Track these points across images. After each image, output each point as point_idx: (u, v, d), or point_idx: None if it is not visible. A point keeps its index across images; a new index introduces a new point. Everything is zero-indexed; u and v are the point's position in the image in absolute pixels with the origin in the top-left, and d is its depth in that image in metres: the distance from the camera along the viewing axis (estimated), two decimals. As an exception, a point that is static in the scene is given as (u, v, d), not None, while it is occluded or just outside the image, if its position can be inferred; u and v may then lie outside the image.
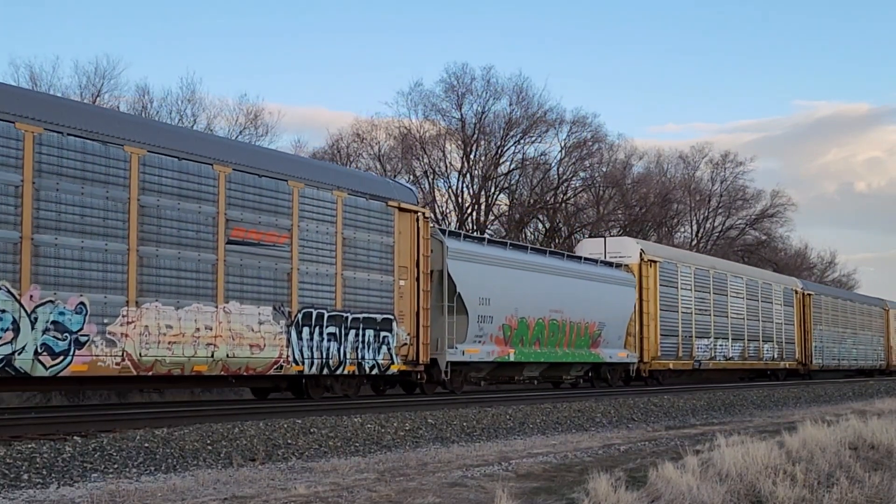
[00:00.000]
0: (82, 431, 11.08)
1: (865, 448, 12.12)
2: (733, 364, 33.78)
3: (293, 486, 8.44)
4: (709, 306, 31.94)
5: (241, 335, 14.99)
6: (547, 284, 23.48)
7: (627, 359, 26.99)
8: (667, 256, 30.02)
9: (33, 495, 8.02)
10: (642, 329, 27.83)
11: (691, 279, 30.94)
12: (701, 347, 31.05)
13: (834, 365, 43.44)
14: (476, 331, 20.77)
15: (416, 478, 9.25)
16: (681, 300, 30.08)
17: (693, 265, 31.49)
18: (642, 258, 28.29)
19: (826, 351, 42.46)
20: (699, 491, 8.07)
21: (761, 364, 36.11)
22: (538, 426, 15.73)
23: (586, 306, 24.73)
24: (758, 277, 36.96)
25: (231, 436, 11.49)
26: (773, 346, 36.95)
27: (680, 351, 29.62)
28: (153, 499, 7.87)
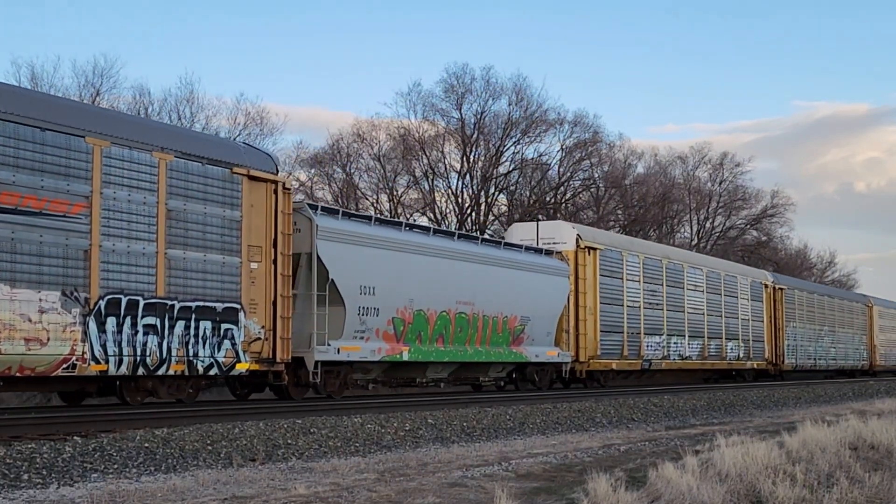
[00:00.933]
0: (82, 431, 11.08)
1: (865, 448, 12.12)
2: (691, 364, 30.75)
3: (293, 487, 8.44)
4: (661, 300, 28.75)
5: (12, 326, 12.08)
6: (455, 272, 20.42)
7: (558, 358, 23.72)
8: (609, 243, 26.82)
9: (33, 495, 8.02)
10: (578, 325, 24.65)
11: (639, 269, 27.67)
12: (651, 346, 27.86)
13: (809, 365, 40.50)
14: (356, 325, 17.72)
15: (416, 478, 9.25)
16: (627, 293, 26.88)
17: (642, 254, 28.20)
18: (579, 244, 24.99)
19: (800, 350, 39.50)
20: (699, 491, 8.07)
21: (724, 364, 33.14)
22: (538, 426, 15.73)
23: (506, 298, 21.73)
24: (720, 269, 33.66)
25: (231, 436, 11.50)
26: (738, 345, 33.84)
27: (625, 349, 26.56)
28: (153, 499, 7.87)
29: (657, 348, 28.30)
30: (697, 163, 61.57)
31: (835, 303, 44.69)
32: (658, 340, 28.41)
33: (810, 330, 40.77)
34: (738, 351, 33.90)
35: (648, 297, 28.11)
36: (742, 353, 34.18)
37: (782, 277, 41.98)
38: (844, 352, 44.83)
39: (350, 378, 18.52)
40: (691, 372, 32.39)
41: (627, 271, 27.09)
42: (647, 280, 28.11)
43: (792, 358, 38.43)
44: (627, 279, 27.05)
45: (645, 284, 27.92)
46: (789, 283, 40.97)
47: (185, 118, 35.62)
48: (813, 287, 45.67)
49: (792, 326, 38.70)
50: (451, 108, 46.26)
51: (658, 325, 28.53)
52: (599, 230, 33.41)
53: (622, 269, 26.84)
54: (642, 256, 28.07)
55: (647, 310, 27.91)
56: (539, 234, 25.54)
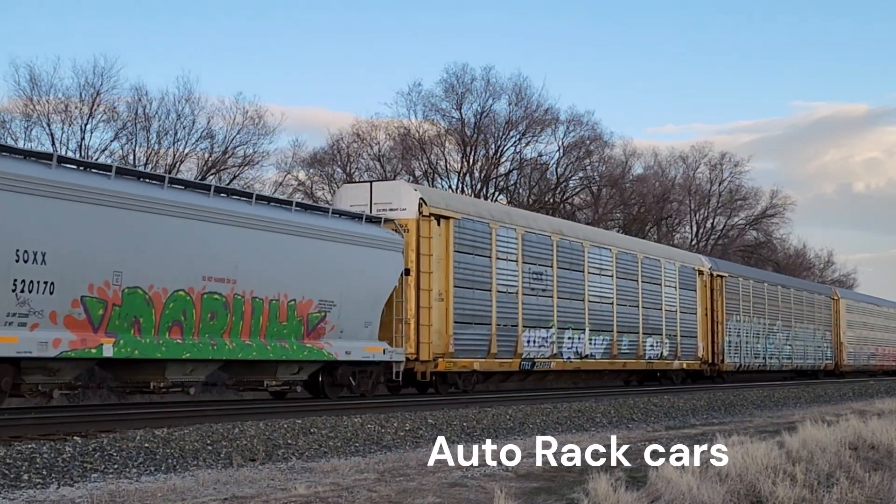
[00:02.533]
0: (82, 431, 11.08)
1: (865, 448, 12.13)
2: (593, 364, 25.57)
3: (293, 487, 8.44)
4: (550, 285, 23.42)
5: None
6: (201, 239, 15.21)
7: (384, 356, 18.46)
8: (470, 212, 21.23)
9: (33, 495, 8.02)
10: (420, 313, 19.22)
11: (517, 246, 22.28)
12: (534, 342, 22.67)
13: (758, 365, 35.26)
14: (11, 304, 12.57)
15: (416, 478, 9.25)
16: (498, 275, 21.47)
17: (521, 227, 22.68)
18: (422, 211, 19.46)
19: (746, 348, 34.18)
20: (699, 491, 8.07)
21: (642, 364, 27.89)
22: (538, 426, 15.73)
23: (292, 275, 16.56)
24: (636, 250, 28.28)
25: (231, 436, 11.50)
26: (661, 342, 28.47)
27: (494, 346, 21.20)
28: (153, 499, 7.87)
29: (543, 345, 23.11)
30: (697, 163, 61.64)
31: (791, 294, 39.35)
32: (545, 335, 23.13)
33: (759, 325, 35.52)
34: (661, 349, 28.61)
35: (531, 281, 22.67)
36: (667, 351, 28.89)
37: (723, 263, 36.90)
38: (803, 350, 39.66)
39: (22, 382, 13.30)
40: (597, 374, 27.66)
41: (499, 248, 21.65)
42: (530, 260, 22.74)
43: (734, 357, 33.34)
44: (499, 258, 21.59)
45: (526, 265, 22.50)
46: (732, 269, 35.82)
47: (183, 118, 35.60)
48: (763, 275, 40.07)
49: (735, 320, 33.53)
50: (451, 108, 46.29)
51: (545, 317, 23.22)
52: (457, 195, 27.74)
53: (490, 244, 21.33)
54: (521, 230, 22.57)
55: (528, 297, 22.55)
56: (373, 198, 20.09)
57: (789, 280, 43.49)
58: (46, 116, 32.27)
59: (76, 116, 32.68)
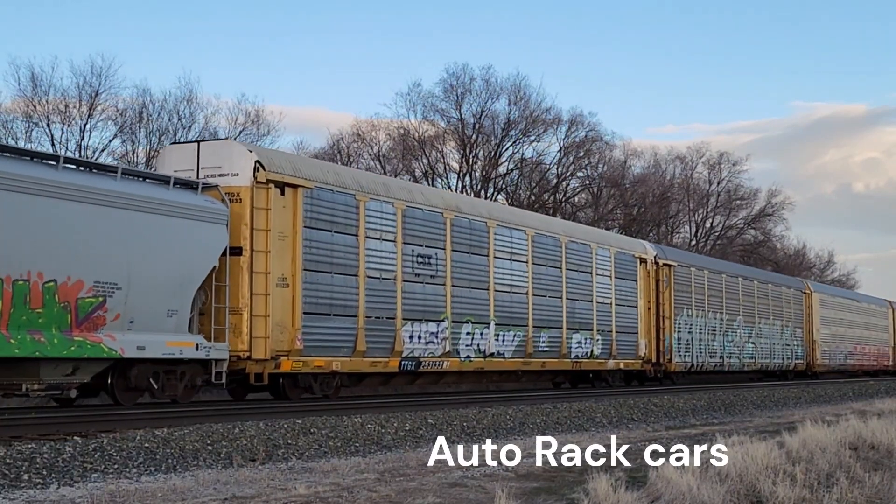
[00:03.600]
0: (82, 431, 11.08)
1: (865, 448, 12.13)
2: (501, 363, 21.78)
3: (293, 487, 8.44)
4: (442, 271, 19.74)
5: None
6: None
7: (197, 352, 15.01)
8: (329, 181, 17.40)
9: (33, 495, 8.03)
10: (254, 301, 15.80)
11: (396, 224, 18.61)
12: (420, 337, 19.07)
13: (713, 365, 31.63)
14: None
15: (416, 478, 9.25)
16: (367, 257, 17.85)
17: (401, 201, 18.86)
18: (257, 178, 15.99)
19: (698, 346, 30.51)
20: (699, 491, 8.07)
21: (567, 363, 24.17)
22: (538, 426, 15.73)
23: (56, 249, 13.14)
24: (559, 232, 24.31)
25: (231, 436, 11.50)
26: (591, 339, 24.90)
27: (362, 342, 17.64)
28: (153, 499, 7.88)
29: (433, 341, 19.46)
30: (695, 162, 61.69)
31: (755, 287, 35.48)
32: (435, 330, 19.46)
33: (716, 320, 31.84)
34: (592, 346, 25.04)
35: (415, 265, 19.05)
36: (599, 349, 25.35)
37: (672, 251, 33.10)
38: (769, 349, 36.07)
39: None
40: (511, 375, 23.78)
41: (371, 225, 18.03)
42: (413, 240, 19.05)
43: (684, 356, 29.56)
44: (370, 237, 18.03)
45: (408, 246, 18.88)
46: (682, 258, 31.76)
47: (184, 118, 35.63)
48: (721, 265, 35.95)
49: (686, 315, 29.80)
50: (451, 108, 46.36)
51: (435, 308, 19.60)
52: (312, 160, 24.02)
53: (358, 220, 17.75)
54: (401, 205, 18.80)
55: (411, 284, 18.93)
56: (200, 161, 16.62)
57: (752, 271, 39.45)
58: (46, 117, 32.33)
59: (75, 117, 32.75)
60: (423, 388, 22.99)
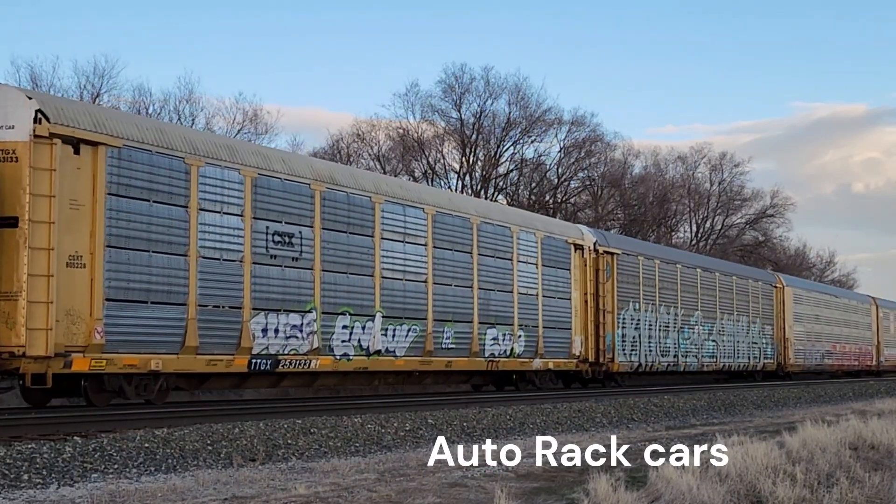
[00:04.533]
0: (82, 431, 11.08)
1: (865, 448, 12.13)
2: (391, 363, 18.60)
3: (293, 487, 8.44)
4: (308, 253, 16.71)
5: None
6: None
7: None
8: (146, 140, 14.51)
9: (33, 495, 8.03)
10: (30, 284, 12.84)
11: (245, 195, 15.71)
12: (274, 331, 16.13)
13: (665, 365, 28.40)
14: None
15: (416, 478, 9.25)
16: (201, 233, 14.98)
17: (251, 168, 15.88)
18: (38, 131, 13.09)
19: (647, 344, 27.26)
20: (699, 491, 8.07)
21: (480, 363, 20.93)
22: (538, 426, 15.74)
23: None
24: (471, 213, 21.10)
25: (231, 436, 11.50)
26: (512, 335, 21.79)
27: (192, 336, 14.68)
28: (153, 499, 7.88)
29: (296, 335, 16.59)
30: (696, 163, 61.74)
31: (716, 279, 32.39)
32: (298, 322, 16.60)
33: (669, 316, 28.62)
34: (513, 344, 21.92)
35: (270, 244, 16.13)
36: (522, 346, 22.28)
37: (616, 237, 29.90)
38: (733, 347, 33.05)
39: None
40: (407, 376, 20.22)
41: (207, 195, 15.10)
42: (269, 215, 16.17)
43: (630, 355, 26.51)
44: (206, 209, 15.09)
45: (260, 222, 15.99)
46: (629, 245, 28.24)
47: (184, 117, 35.66)
48: (675, 254, 32.41)
49: (633, 309, 26.72)
50: (450, 108, 46.38)
51: (299, 296, 16.59)
52: (125, 113, 20.95)
53: (189, 189, 14.83)
54: (252, 173, 15.86)
55: (263, 267, 15.96)
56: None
57: (714, 262, 36.02)
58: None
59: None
60: (284, 392, 20.30)
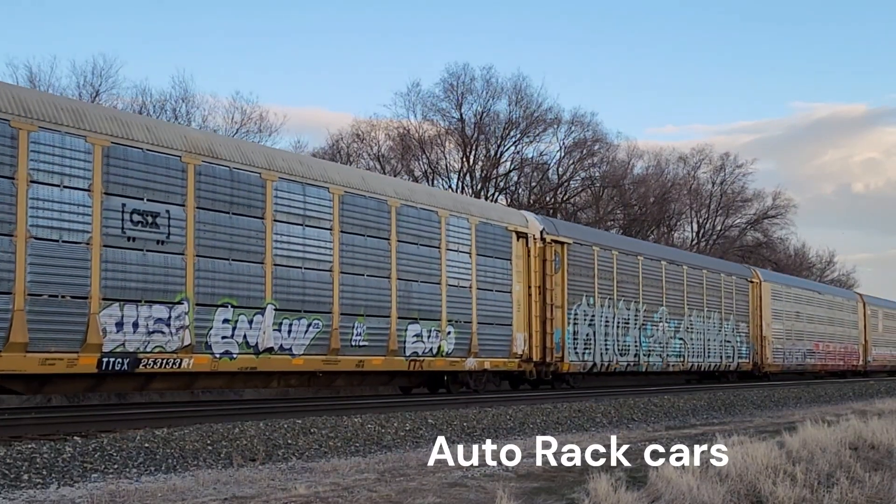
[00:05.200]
0: (82, 431, 11.09)
1: (866, 448, 12.13)
2: (287, 363, 16.10)
3: (293, 487, 8.44)
4: (178, 235, 14.54)
5: None
6: None
7: None
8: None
9: (33, 495, 8.03)
10: None
11: (93, 166, 13.54)
12: (133, 325, 13.91)
13: (624, 365, 26.04)
14: None
15: (416, 478, 9.25)
16: (29, 209, 12.79)
17: (101, 136, 13.63)
18: None
19: (602, 342, 25.00)
20: (699, 491, 8.07)
21: (399, 362, 18.38)
22: (538, 426, 15.74)
23: None
24: (387, 194, 18.45)
25: (231, 436, 11.50)
26: (439, 331, 19.43)
27: (20, 331, 12.45)
28: (153, 499, 7.88)
29: (161, 331, 14.32)
30: (698, 163, 61.78)
31: (683, 273, 29.77)
32: (165, 315, 14.36)
33: (629, 311, 26.42)
34: (440, 341, 19.59)
35: (127, 224, 13.93)
36: (452, 344, 19.85)
37: (567, 225, 26.77)
38: (703, 346, 30.56)
39: None
40: (309, 376, 17.39)
41: (38, 165, 12.93)
42: (126, 191, 13.95)
43: (582, 354, 24.27)
44: (38, 181, 12.91)
45: (114, 199, 13.78)
46: (581, 234, 25.63)
47: (181, 117, 35.66)
48: (636, 245, 29.47)
49: (587, 304, 24.47)
50: (451, 108, 46.41)
51: (166, 285, 14.38)
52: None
53: (15, 157, 12.66)
54: (102, 141, 13.72)
55: (118, 251, 13.80)
56: None
57: (682, 254, 33.40)
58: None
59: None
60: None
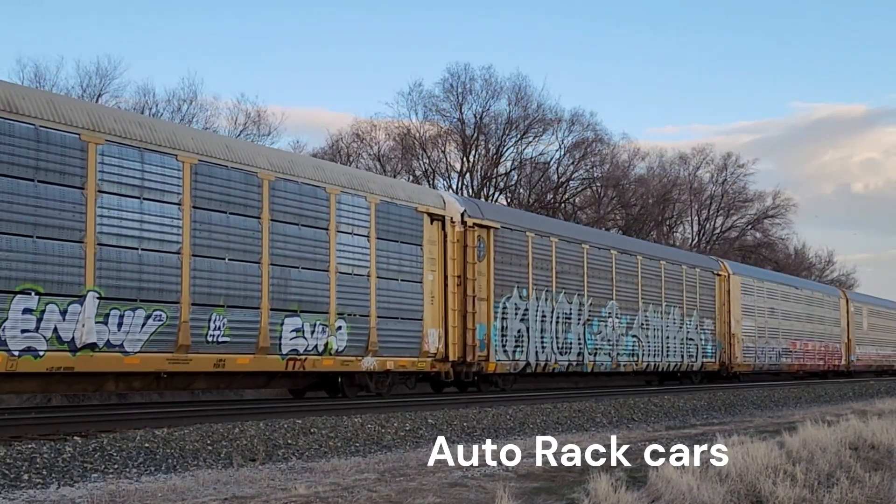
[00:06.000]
0: (82, 431, 11.09)
1: (866, 448, 12.12)
2: (118, 361, 13.30)
3: (293, 487, 8.44)
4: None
5: None
6: None
7: None
8: None
9: (33, 495, 8.03)
10: None
11: None
12: None
13: (565, 364, 23.17)
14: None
15: (416, 478, 9.25)
16: None
17: None
18: None
19: (538, 340, 22.11)
20: (699, 491, 8.07)
21: (274, 362, 15.75)
22: (538, 426, 15.74)
23: None
24: (258, 166, 15.80)
25: (231, 436, 11.50)
26: (326, 326, 16.62)
27: None
28: (153, 499, 7.88)
29: None
30: (699, 163, 61.78)
31: (637, 263, 26.74)
32: None
33: (570, 305, 23.52)
34: (328, 337, 16.67)
35: None
36: (344, 341, 17.03)
37: (493, 208, 23.98)
38: (660, 344, 27.61)
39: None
40: (154, 378, 14.55)
41: None
42: None
43: (513, 353, 21.32)
44: None
45: None
46: (510, 219, 22.37)
47: (185, 118, 35.67)
48: (580, 233, 26.10)
49: (518, 296, 21.52)
50: (452, 108, 46.41)
51: None
52: None
53: None
54: None
55: None
56: None
57: (637, 244, 29.92)
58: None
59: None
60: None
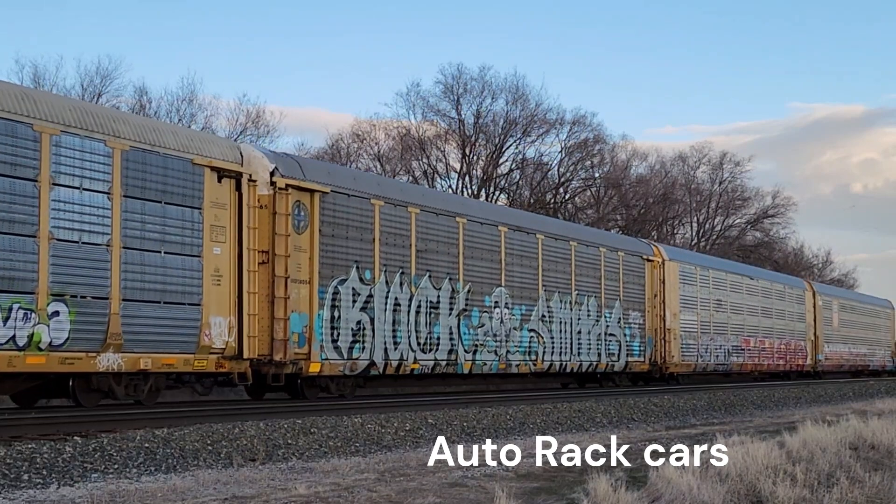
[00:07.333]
0: (82, 431, 11.08)
1: (866, 448, 12.13)
2: None
3: (293, 487, 8.44)
4: None
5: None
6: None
7: None
8: None
9: (33, 495, 8.03)
10: None
11: None
12: None
13: (431, 365, 19.13)
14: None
15: (416, 478, 9.25)
16: None
17: None
18: None
19: (389, 334, 17.99)
20: (699, 491, 8.07)
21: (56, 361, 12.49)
22: (538, 426, 15.74)
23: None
24: (21, 112, 12.06)
25: (231, 436, 11.50)
26: (30, 311, 12.25)
27: None
28: (153, 499, 7.87)
29: None
30: (697, 163, 61.76)
31: (537, 244, 22.58)
32: None
33: (437, 291, 19.27)
34: (37, 327, 12.35)
35: None
36: (66, 332, 12.83)
37: (317, 166, 18.57)
38: (570, 341, 23.67)
39: None
40: None
41: None
42: None
43: (349, 351, 17.21)
44: None
45: None
46: (344, 181, 17.53)
47: (185, 118, 35.67)
48: (450, 204, 21.07)
49: (357, 278, 17.33)
50: (450, 108, 46.39)
51: None
52: None
53: None
54: None
55: None
56: None
57: (535, 220, 25.21)
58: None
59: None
60: None
